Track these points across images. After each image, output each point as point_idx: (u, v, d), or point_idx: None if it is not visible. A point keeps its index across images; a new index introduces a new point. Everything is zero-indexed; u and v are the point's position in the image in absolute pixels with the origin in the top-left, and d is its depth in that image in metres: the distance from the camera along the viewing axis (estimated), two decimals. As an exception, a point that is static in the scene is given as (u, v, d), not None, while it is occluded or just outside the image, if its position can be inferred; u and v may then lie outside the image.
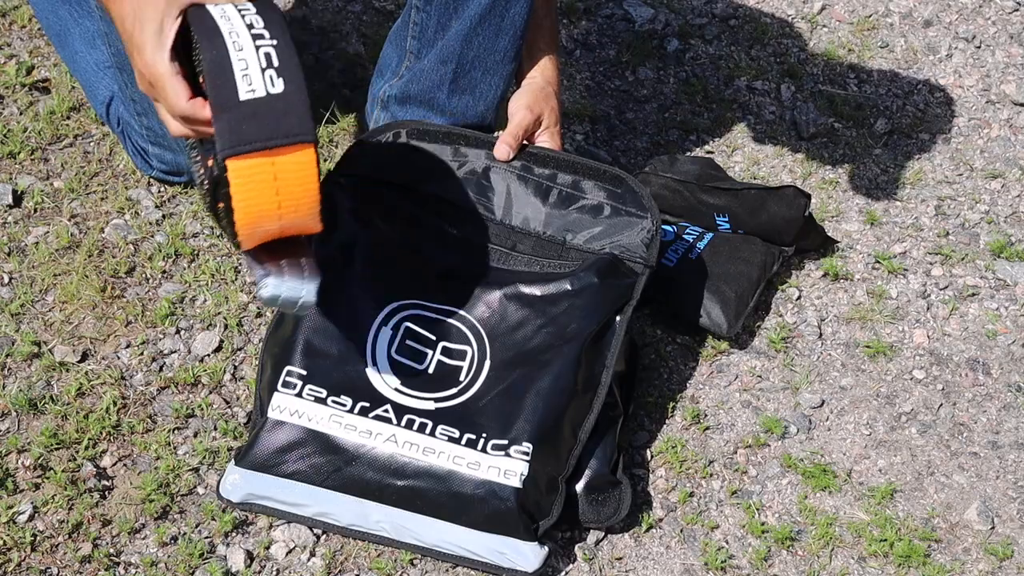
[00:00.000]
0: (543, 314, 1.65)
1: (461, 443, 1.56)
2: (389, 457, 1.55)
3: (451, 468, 1.55)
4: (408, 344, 1.63)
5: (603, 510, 1.61)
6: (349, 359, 1.60)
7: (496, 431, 1.58)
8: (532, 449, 1.56)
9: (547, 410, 1.58)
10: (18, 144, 2.01)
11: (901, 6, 2.55)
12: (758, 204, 1.95)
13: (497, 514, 1.54)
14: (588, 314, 1.64)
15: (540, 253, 1.71)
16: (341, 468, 1.55)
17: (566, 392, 1.60)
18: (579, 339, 1.62)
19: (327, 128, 2.08)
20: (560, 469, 1.59)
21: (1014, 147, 2.28)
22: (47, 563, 1.52)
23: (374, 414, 1.57)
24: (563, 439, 1.60)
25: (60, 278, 1.83)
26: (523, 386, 1.60)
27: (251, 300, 1.85)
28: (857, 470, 1.77)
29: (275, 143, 1.29)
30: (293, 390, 1.58)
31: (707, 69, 2.38)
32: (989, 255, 2.08)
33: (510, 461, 1.55)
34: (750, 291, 1.89)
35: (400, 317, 1.64)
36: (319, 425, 1.56)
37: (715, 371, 1.87)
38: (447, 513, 1.55)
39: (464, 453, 1.56)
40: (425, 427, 1.57)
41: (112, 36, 1.85)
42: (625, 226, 1.70)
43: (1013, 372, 1.91)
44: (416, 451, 1.56)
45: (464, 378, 1.62)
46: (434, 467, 1.55)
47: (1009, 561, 1.68)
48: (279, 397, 1.57)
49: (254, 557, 1.57)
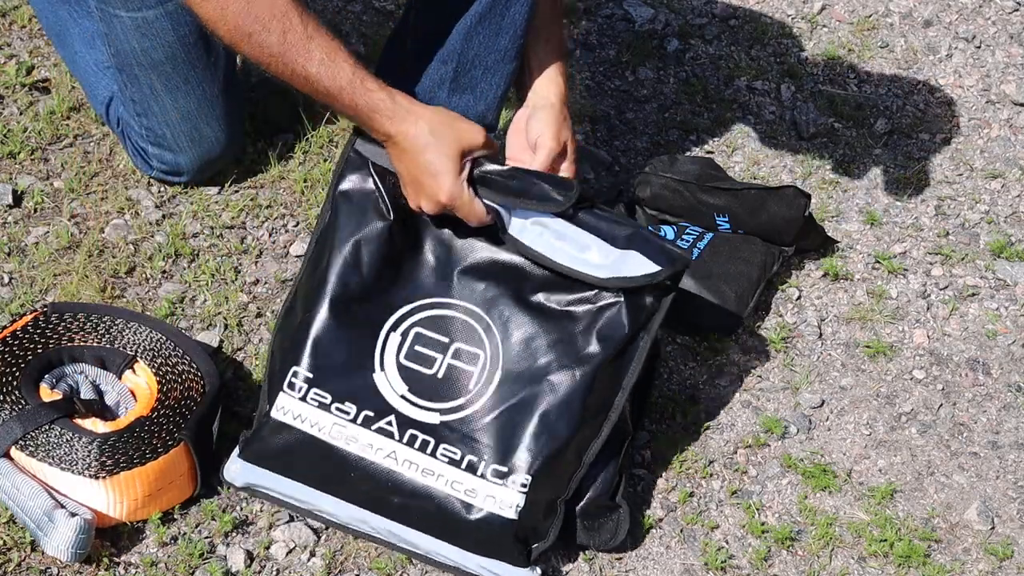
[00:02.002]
0: (560, 329, 1.59)
1: (461, 466, 1.55)
2: (387, 473, 1.55)
3: (448, 492, 1.54)
4: (417, 349, 1.60)
5: (599, 535, 1.60)
6: (357, 364, 1.59)
7: (497, 456, 1.55)
8: (531, 482, 1.54)
9: (550, 440, 1.55)
10: (18, 144, 2.01)
11: (901, 6, 2.55)
12: (758, 204, 1.95)
13: (491, 540, 1.53)
14: (607, 336, 1.57)
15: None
16: (340, 478, 1.55)
17: (572, 422, 1.56)
18: (594, 362, 1.57)
19: (327, 128, 2.09)
20: (560, 492, 1.57)
21: (1014, 147, 2.28)
22: (47, 563, 1.52)
23: (377, 426, 1.56)
24: (565, 464, 1.57)
25: (60, 278, 1.83)
26: (531, 408, 1.56)
27: (251, 300, 1.85)
28: (857, 470, 1.77)
29: None
30: (298, 393, 1.57)
31: (707, 69, 2.38)
32: (989, 255, 2.08)
33: (507, 492, 1.54)
34: (750, 291, 1.89)
35: (411, 322, 1.61)
36: (321, 433, 1.56)
37: (715, 371, 1.87)
38: (441, 533, 1.54)
39: (462, 478, 1.54)
40: (427, 445, 1.55)
41: (111, 36, 1.85)
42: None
43: (1013, 372, 1.91)
44: (415, 471, 1.55)
45: (473, 386, 1.58)
46: (431, 489, 1.54)
47: (1009, 561, 1.68)
48: (284, 398, 1.57)
49: (254, 557, 1.57)
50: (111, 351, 1.65)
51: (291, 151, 2.06)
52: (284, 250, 1.93)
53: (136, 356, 1.65)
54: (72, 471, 1.51)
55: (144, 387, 1.63)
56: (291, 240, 1.94)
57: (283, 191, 2.01)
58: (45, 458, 1.52)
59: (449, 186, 1.56)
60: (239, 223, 1.95)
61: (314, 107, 2.11)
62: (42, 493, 1.50)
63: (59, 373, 1.62)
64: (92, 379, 1.64)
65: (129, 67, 1.87)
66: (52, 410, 1.54)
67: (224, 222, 1.95)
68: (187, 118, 1.90)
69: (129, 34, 1.83)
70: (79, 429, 1.54)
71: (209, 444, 1.61)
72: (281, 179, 2.02)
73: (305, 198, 2.00)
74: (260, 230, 1.95)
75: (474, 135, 1.57)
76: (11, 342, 1.61)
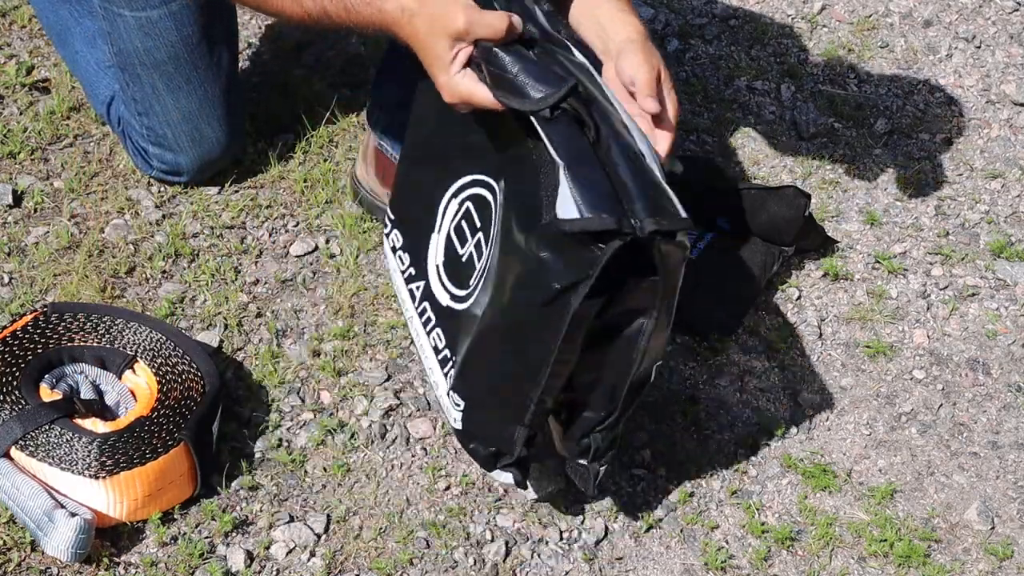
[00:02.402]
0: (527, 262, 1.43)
1: (438, 356, 1.59)
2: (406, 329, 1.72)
3: (424, 370, 1.66)
4: (462, 224, 1.56)
5: (576, 480, 1.56)
6: (423, 222, 1.62)
7: (458, 364, 1.54)
8: (465, 404, 1.54)
9: (476, 366, 1.50)
10: (18, 144, 2.01)
11: (901, 6, 2.55)
12: (758, 204, 1.95)
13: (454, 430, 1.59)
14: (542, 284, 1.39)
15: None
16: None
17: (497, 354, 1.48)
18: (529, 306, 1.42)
19: (327, 128, 2.09)
20: (510, 417, 1.49)
21: (1014, 147, 2.28)
22: (47, 563, 1.52)
23: (413, 285, 1.64)
24: (507, 390, 1.48)
25: (60, 278, 1.83)
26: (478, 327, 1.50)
27: (251, 300, 1.86)
28: (857, 470, 1.77)
29: None
30: (387, 228, 1.72)
31: (707, 69, 2.38)
32: (989, 255, 2.08)
33: (450, 404, 1.57)
34: (750, 291, 1.89)
35: (465, 196, 1.55)
36: (392, 274, 1.72)
37: (715, 371, 1.87)
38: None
39: (435, 367, 1.60)
40: (428, 323, 1.60)
41: (114, 35, 1.85)
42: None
43: (1013, 372, 1.91)
44: (416, 340, 1.65)
45: (473, 284, 1.52)
46: (423, 362, 1.65)
47: (1009, 561, 1.68)
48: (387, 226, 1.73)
49: (254, 557, 1.57)
50: (111, 351, 1.65)
51: (291, 151, 2.06)
52: (284, 250, 1.93)
53: (136, 356, 1.65)
54: (72, 471, 1.52)
55: (144, 387, 1.63)
56: (291, 240, 1.94)
57: (283, 191, 2.01)
58: (45, 458, 1.52)
59: (443, 81, 1.46)
60: (239, 223, 1.95)
61: (314, 107, 2.11)
62: (42, 493, 1.50)
63: (59, 373, 1.63)
64: (92, 379, 1.64)
65: (131, 66, 1.87)
66: (52, 410, 1.55)
67: (224, 222, 1.95)
68: (188, 118, 1.90)
69: (132, 33, 1.83)
70: (79, 429, 1.54)
71: (209, 444, 1.62)
72: (281, 179, 2.02)
73: (305, 198, 2.00)
74: (260, 230, 1.95)
75: (453, 20, 1.43)
76: (11, 342, 1.62)
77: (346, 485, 1.66)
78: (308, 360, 1.78)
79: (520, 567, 1.61)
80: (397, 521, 1.63)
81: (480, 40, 1.43)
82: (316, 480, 1.66)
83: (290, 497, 1.64)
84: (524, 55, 1.43)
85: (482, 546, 1.62)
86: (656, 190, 1.40)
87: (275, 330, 1.81)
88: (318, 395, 1.75)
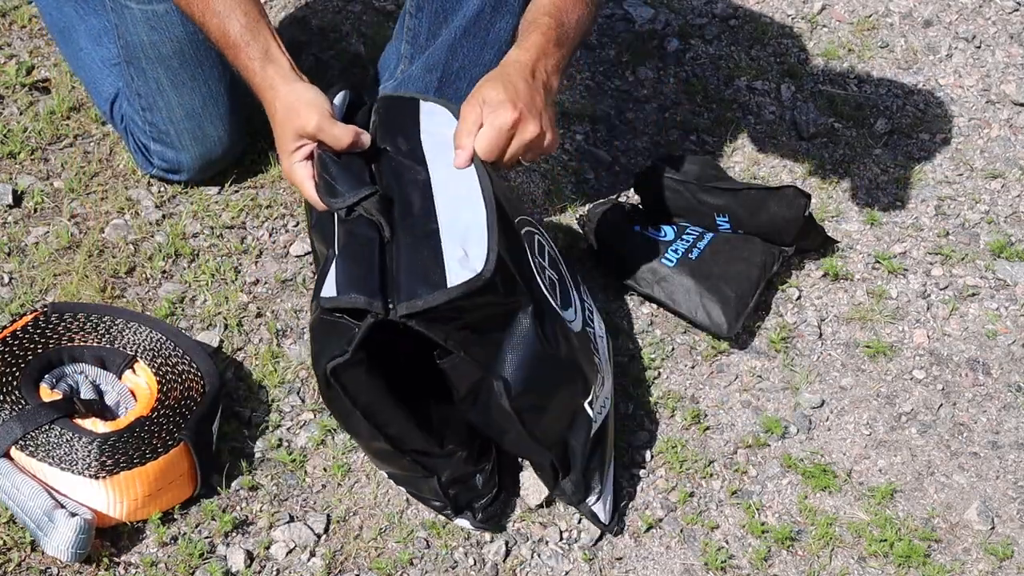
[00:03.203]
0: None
1: None
2: None
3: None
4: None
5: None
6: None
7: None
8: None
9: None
10: (18, 144, 2.01)
11: (901, 6, 2.55)
12: (758, 204, 1.95)
13: None
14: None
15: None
16: None
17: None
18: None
19: (327, 128, 2.08)
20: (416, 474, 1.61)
21: (1014, 147, 2.28)
22: (47, 563, 1.52)
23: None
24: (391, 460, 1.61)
25: (60, 278, 1.83)
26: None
27: (251, 300, 1.86)
28: (857, 470, 1.77)
29: None
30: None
31: (707, 69, 2.38)
32: (989, 255, 2.08)
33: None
34: (750, 291, 1.89)
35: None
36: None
37: (715, 371, 1.87)
38: None
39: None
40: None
41: (122, 28, 1.86)
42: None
43: (1013, 372, 1.91)
44: None
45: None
46: None
47: (1009, 561, 1.68)
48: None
49: (254, 557, 1.57)
50: (111, 351, 1.65)
51: (291, 151, 2.06)
52: (284, 250, 1.93)
53: (136, 356, 1.65)
54: (72, 471, 1.52)
55: (144, 387, 1.63)
56: (291, 240, 1.94)
57: (283, 191, 2.01)
58: (45, 458, 1.52)
59: (283, 163, 1.61)
60: (239, 223, 1.95)
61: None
62: (42, 493, 1.50)
63: (59, 373, 1.63)
64: (92, 379, 1.64)
65: (137, 60, 1.87)
66: (52, 410, 1.55)
67: (224, 222, 1.95)
68: (191, 115, 1.90)
69: (139, 26, 1.84)
70: (79, 429, 1.54)
71: (209, 444, 1.62)
72: (281, 179, 2.02)
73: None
74: (260, 230, 1.95)
75: (306, 122, 1.56)
76: (11, 342, 1.62)
77: (346, 485, 1.66)
78: (308, 360, 1.78)
79: (520, 567, 1.61)
80: (397, 521, 1.63)
81: (323, 143, 1.58)
82: (316, 480, 1.66)
83: (290, 497, 1.64)
84: (349, 163, 1.57)
85: (482, 546, 1.62)
86: (435, 271, 1.45)
87: (275, 330, 1.81)
88: (318, 395, 1.75)
